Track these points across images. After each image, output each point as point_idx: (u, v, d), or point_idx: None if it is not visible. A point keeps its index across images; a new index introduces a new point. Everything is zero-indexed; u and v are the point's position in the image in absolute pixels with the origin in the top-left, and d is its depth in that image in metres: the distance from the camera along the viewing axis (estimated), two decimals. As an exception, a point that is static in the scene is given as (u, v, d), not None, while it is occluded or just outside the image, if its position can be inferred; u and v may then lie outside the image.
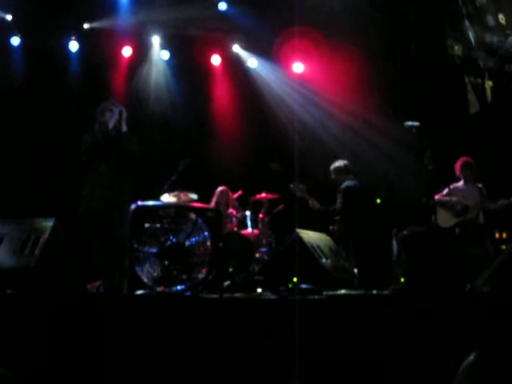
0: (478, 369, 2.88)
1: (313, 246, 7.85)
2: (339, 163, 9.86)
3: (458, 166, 9.83)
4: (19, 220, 7.93)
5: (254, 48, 12.71)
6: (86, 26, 12.46)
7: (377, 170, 10.98)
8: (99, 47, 12.51)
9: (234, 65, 12.89)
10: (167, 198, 9.34)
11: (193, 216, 8.66)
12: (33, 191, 11.43)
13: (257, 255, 9.89)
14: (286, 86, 12.27)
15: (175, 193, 9.39)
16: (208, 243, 8.58)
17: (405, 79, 11.40)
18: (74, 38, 12.49)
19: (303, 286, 7.66)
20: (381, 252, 9.36)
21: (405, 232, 8.34)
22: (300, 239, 7.83)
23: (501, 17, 10.86)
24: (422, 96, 11.10)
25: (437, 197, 9.47)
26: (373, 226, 9.69)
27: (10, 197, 11.23)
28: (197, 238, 8.59)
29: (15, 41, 12.34)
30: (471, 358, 2.93)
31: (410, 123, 8.89)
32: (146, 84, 12.72)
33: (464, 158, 9.83)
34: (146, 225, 8.56)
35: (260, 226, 10.52)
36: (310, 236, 8.16)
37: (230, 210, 10.67)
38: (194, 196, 9.55)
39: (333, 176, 9.84)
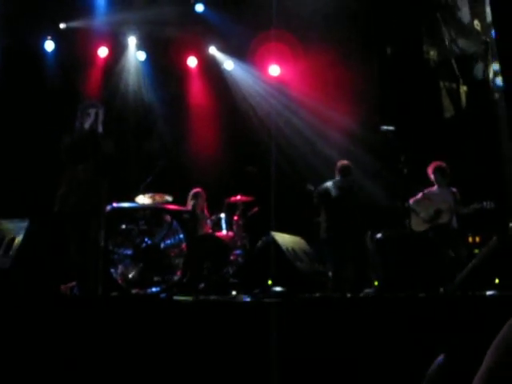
0: (444, 371, 2.94)
1: (287, 249, 7.89)
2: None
3: (429, 170, 9.90)
4: None
5: (230, 50, 12.74)
6: (62, 25, 12.46)
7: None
8: (75, 47, 12.45)
9: (210, 67, 12.92)
10: (142, 199, 9.34)
11: (168, 218, 8.68)
12: (9, 191, 11.34)
13: (231, 257, 9.88)
14: (262, 88, 12.33)
15: (150, 194, 9.39)
16: (183, 245, 8.63)
17: (380, 83, 11.47)
18: (49, 37, 12.47)
19: (278, 288, 7.69)
20: (356, 255, 9.42)
21: (379, 235, 8.41)
22: (275, 242, 7.86)
23: (476, 22, 10.96)
24: (397, 100, 11.17)
25: (411, 201, 9.53)
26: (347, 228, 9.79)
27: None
28: (172, 240, 8.65)
29: (-11, 39, 12.26)
30: (438, 360, 2.99)
31: (385, 127, 8.95)
32: (122, 85, 12.71)
33: (436, 163, 9.89)
34: (122, 226, 8.59)
35: (235, 228, 10.51)
36: (284, 239, 8.20)
37: (205, 212, 10.67)
38: (168, 198, 9.56)
39: None
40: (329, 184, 9.68)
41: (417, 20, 11.46)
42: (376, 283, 8.44)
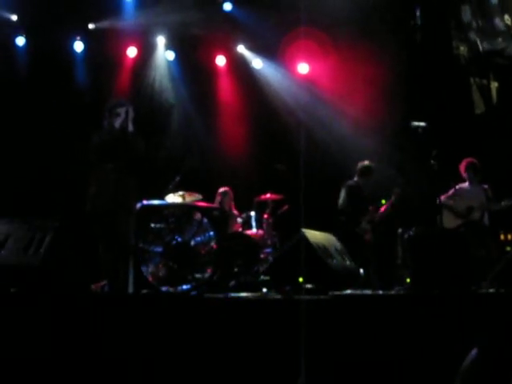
0: (477, 367, 2.89)
1: (318, 246, 7.80)
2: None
3: (461, 167, 9.82)
4: (25, 219, 7.89)
5: (258, 49, 12.72)
6: (91, 26, 12.48)
7: (382, 171, 10.95)
8: (104, 47, 12.49)
9: (238, 65, 12.90)
10: (172, 198, 9.34)
11: (198, 215, 8.67)
12: (40, 190, 11.43)
13: (261, 256, 9.90)
14: (291, 86, 12.25)
15: (180, 193, 9.39)
16: (213, 243, 8.62)
17: (410, 79, 11.37)
18: (79, 38, 12.50)
19: (309, 285, 7.64)
20: (387, 253, 9.36)
21: (410, 233, 8.32)
22: (305, 239, 7.78)
23: (506, 17, 10.85)
24: (427, 96, 11.08)
25: (442, 198, 9.45)
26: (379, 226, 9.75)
27: (16, 196, 11.25)
28: (202, 237, 8.63)
29: (20, 41, 12.34)
30: (471, 356, 2.94)
31: (415, 123, 8.87)
32: (151, 84, 12.72)
33: (468, 159, 9.81)
34: (152, 224, 8.59)
35: (265, 226, 10.52)
36: (315, 236, 8.12)
37: (234, 211, 10.66)
38: (198, 196, 9.56)
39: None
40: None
41: (446, 16, 11.34)
42: (408, 280, 8.35)
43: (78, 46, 12.52)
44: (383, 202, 10.07)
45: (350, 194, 9.94)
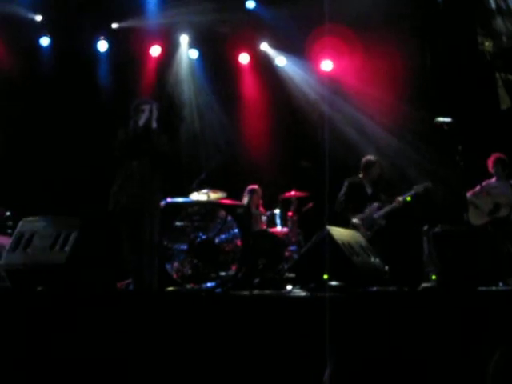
0: (505, 365, 2.86)
1: (343, 243, 7.78)
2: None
3: (490, 162, 9.74)
4: (50, 217, 7.95)
5: (282, 46, 12.68)
6: (114, 25, 12.52)
7: (407, 167, 10.91)
8: (128, 47, 12.55)
9: (262, 63, 12.87)
10: (196, 196, 9.35)
11: (222, 213, 8.69)
12: (64, 188, 11.50)
13: (286, 253, 9.88)
14: (315, 83, 12.23)
15: (204, 191, 9.40)
16: (237, 240, 8.65)
17: (435, 75, 11.30)
18: (102, 37, 12.54)
19: (334, 282, 7.62)
20: (412, 249, 9.31)
21: (437, 229, 8.28)
22: (330, 236, 7.76)
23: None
24: (453, 92, 11.00)
25: (469, 194, 9.38)
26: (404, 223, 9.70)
27: (41, 194, 11.35)
28: (226, 235, 8.71)
29: (44, 41, 12.41)
30: (498, 354, 2.90)
31: (441, 119, 8.81)
32: (175, 83, 12.74)
33: (496, 155, 9.73)
34: (176, 222, 8.62)
35: (289, 224, 10.51)
36: (340, 233, 8.10)
37: (260, 209, 10.65)
38: (223, 194, 9.56)
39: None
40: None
41: (470, 11, 11.26)
42: (433, 277, 8.31)
43: (102, 46, 12.56)
44: (408, 199, 9.98)
45: (347, 190, 9.91)
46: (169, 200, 8.71)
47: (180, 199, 9.02)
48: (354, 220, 9.60)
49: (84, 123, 11.99)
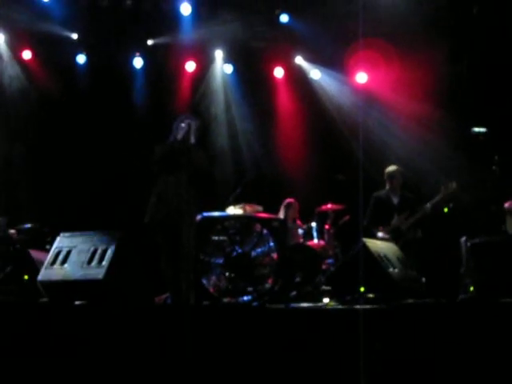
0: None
1: (379, 255, 7.77)
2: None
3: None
4: (87, 232, 8.04)
5: (316, 59, 12.70)
6: (150, 42, 12.65)
7: (443, 179, 10.83)
8: (163, 63, 12.72)
9: (296, 76, 12.89)
10: (232, 210, 9.37)
11: (258, 226, 8.70)
12: (101, 203, 11.65)
13: (323, 266, 9.85)
14: (350, 96, 12.21)
15: (240, 205, 9.42)
16: (273, 253, 8.65)
17: (471, 84, 11.23)
18: (138, 54, 12.69)
19: (370, 295, 7.60)
20: (449, 261, 9.24)
21: (475, 240, 8.22)
22: (366, 248, 7.75)
23: None
24: (489, 102, 10.92)
25: (506, 204, 9.28)
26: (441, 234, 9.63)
27: (79, 209, 11.53)
28: (262, 248, 8.70)
29: (81, 59, 12.61)
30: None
31: (476, 129, 8.75)
32: (211, 98, 12.84)
33: (533, 164, 9.63)
34: (212, 236, 8.66)
35: (326, 237, 10.51)
36: (376, 245, 8.09)
37: (297, 222, 10.65)
38: (259, 208, 9.56)
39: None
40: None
41: (506, 17, 11.17)
42: (471, 289, 8.22)
43: (138, 62, 12.72)
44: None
45: (373, 204, 9.87)
46: (205, 214, 8.73)
47: (216, 213, 9.04)
48: (380, 234, 9.57)
49: (120, 138, 12.20)
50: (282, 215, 10.46)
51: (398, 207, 9.78)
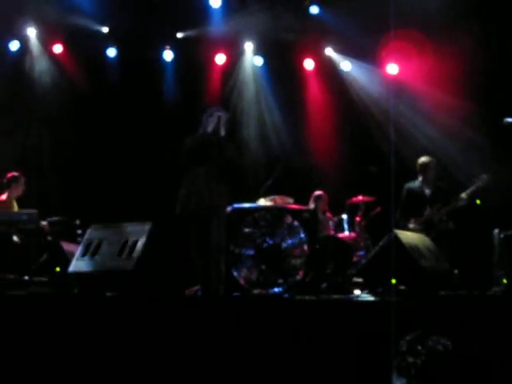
0: None
1: (411, 247, 7.71)
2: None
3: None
4: (118, 224, 8.07)
5: (347, 51, 12.64)
6: (179, 35, 12.68)
7: (475, 170, 10.73)
8: (193, 56, 12.70)
9: (327, 68, 12.83)
10: (263, 202, 9.36)
11: (289, 218, 8.70)
12: (132, 195, 11.73)
13: (354, 258, 9.86)
14: (381, 87, 12.11)
15: (271, 197, 9.40)
16: (304, 245, 8.64)
17: (504, 76, 11.10)
18: (168, 47, 12.71)
19: (401, 287, 7.56)
20: (482, 253, 9.16)
21: (508, 232, 8.16)
22: (397, 239, 7.70)
23: None
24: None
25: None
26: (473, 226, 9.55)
27: (108, 201, 11.62)
28: (293, 239, 8.68)
29: (111, 52, 12.66)
30: None
31: (510, 120, 8.66)
32: (241, 91, 12.83)
33: None
34: (243, 227, 8.69)
35: (357, 229, 10.51)
36: (408, 236, 8.03)
37: (327, 214, 10.63)
38: (289, 200, 9.54)
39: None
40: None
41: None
42: (504, 281, 8.16)
43: (168, 55, 12.74)
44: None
45: (405, 195, 9.78)
46: (235, 206, 8.74)
47: (246, 205, 9.04)
48: (411, 225, 9.49)
49: (151, 131, 12.24)
50: (311, 207, 10.44)
51: (430, 199, 9.68)
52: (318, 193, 10.73)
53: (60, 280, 8.51)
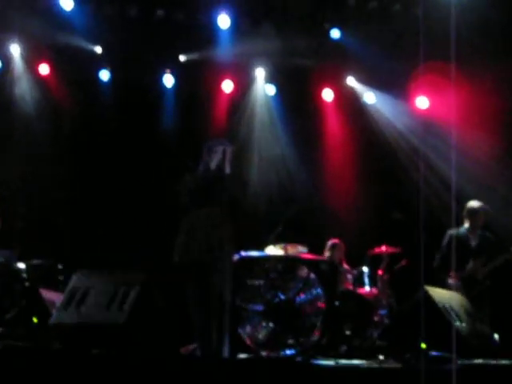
0: None
1: (444, 307, 7.65)
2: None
3: None
4: (108, 271, 8.05)
5: (371, 81, 12.62)
6: (182, 58, 12.64)
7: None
8: (197, 81, 12.64)
9: (348, 100, 12.83)
10: (273, 250, 9.30)
11: (304, 270, 8.65)
12: (123, 239, 11.63)
13: (375, 318, 9.75)
14: (409, 123, 12.08)
15: (282, 245, 9.36)
16: (321, 301, 8.63)
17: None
18: (169, 71, 12.69)
19: (433, 353, 7.42)
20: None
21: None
22: (429, 298, 7.62)
23: None
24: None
25: None
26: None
27: (98, 245, 11.51)
28: (308, 295, 8.70)
29: (104, 75, 12.62)
30: None
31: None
32: (250, 122, 12.78)
33: None
34: (251, 279, 8.66)
35: (379, 284, 10.37)
36: (441, 295, 7.98)
37: (345, 266, 10.53)
38: (303, 248, 9.49)
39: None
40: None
41: None
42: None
43: (168, 80, 12.72)
44: None
45: (447, 243, 9.68)
46: (243, 254, 8.70)
47: (255, 253, 9.01)
48: (450, 281, 9.38)
49: (146, 166, 12.15)
50: (326, 257, 10.36)
51: (476, 250, 9.58)
52: (333, 241, 10.70)
53: (39, 333, 8.40)
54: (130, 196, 11.96)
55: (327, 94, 12.83)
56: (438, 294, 7.94)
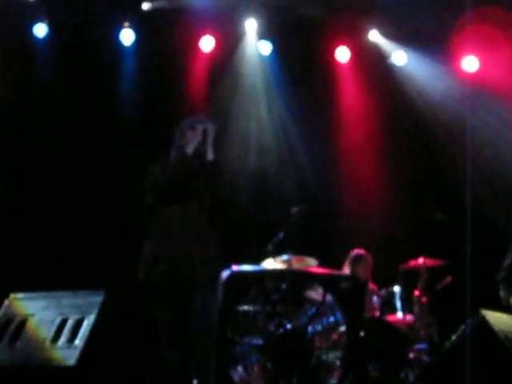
0: None
1: (507, 337, 7.64)
2: None
3: None
4: (53, 294, 8.04)
5: (401, 36, 12.64)
6: (145, 6, 12.61)
7: None
8: (166, 38, 12.60)
9: (370, 61, 12.88)
10: (272, 263, 9.32)
11: (317, 289, 8.65)
12: (73, 253, 11.57)
13: (411, 355, 9.81)
14: (452, 91, 12.09)
15: (284, 257, 9.39)
16: (341, 331, 8.56)
17: None
18: (127, 24, 12.64)
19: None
20: None
21: None
22: (486, 325, 7.63)
23: None
24: None
25: None
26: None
27: (39, 261, 11.39)
28: (324, 323, 8.66)
29: (40, 30, 12.54)
30: None
31: None
32: (236, 92, 12.77)
33: None
34: (245, 303, 8.62)
35: (416, 308, 10.48)
36: (501, 321, 7.98)
37: (370, 286, 10.55)
38: (312, 261, 9.48)
39: None
40: None
41: None
42: None
43: (127, 36, 12.69)
44: None
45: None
46: (234, 269, 8.68)
47: (250, 268, 8.99)
48: None
49: (99, 152, 12.11)
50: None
51: None
52: (357, 252, 10.77)
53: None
54: (80, 194, 11.95)
55: (342, 54, 12.87)
56: (500, 319, 7.95)
